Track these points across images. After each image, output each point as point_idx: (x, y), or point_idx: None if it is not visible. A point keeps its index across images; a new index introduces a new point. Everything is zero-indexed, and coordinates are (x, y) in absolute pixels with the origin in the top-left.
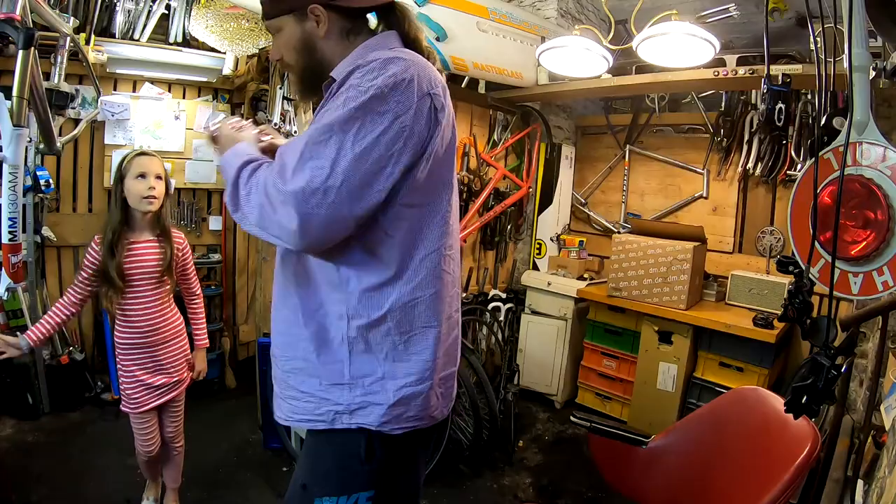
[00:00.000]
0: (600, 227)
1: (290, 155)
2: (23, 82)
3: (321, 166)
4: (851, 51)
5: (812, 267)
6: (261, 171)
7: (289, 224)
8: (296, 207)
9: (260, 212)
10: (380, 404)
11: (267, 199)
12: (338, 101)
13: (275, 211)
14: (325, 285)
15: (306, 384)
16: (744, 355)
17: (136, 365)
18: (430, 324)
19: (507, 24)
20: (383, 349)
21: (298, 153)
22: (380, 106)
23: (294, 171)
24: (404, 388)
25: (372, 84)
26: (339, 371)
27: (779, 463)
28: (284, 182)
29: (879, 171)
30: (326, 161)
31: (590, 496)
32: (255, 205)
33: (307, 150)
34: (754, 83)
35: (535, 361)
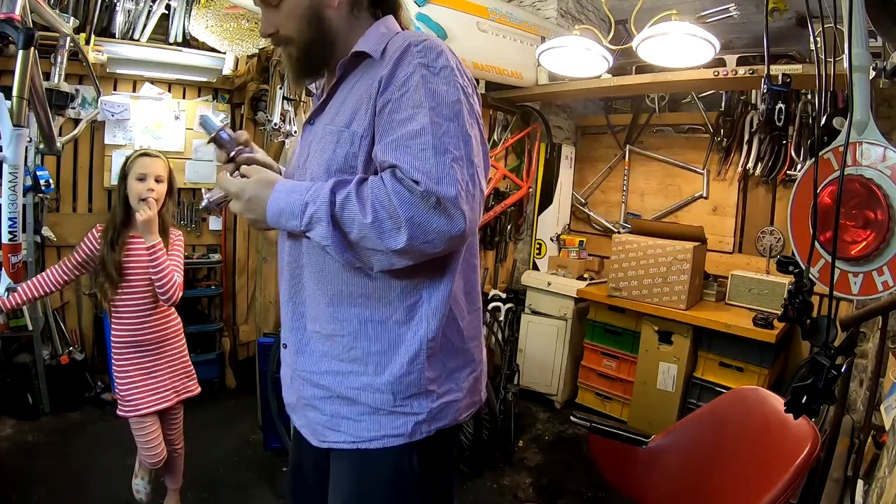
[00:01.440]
0: (600, 227)
1: (413, 153)
2: (23, 82)
3: (458, 158)
4: (851, 51)
5: (812, 267)
6: (367, 190)
7: (452, 227)
8: (458, 205)
9: (410, 231)
10: (455, 401)
11: (414, 211)
12: (411, 82)
13: (429, 220)
14: (399, 292)
15: (376, 399)
16: (744, 355)
17: (132, 365)
18: (476, 306)
19: (507, 24)
20: (451, 341)
21: (424, 148)
22: (468, 89)
23: (434, 168)
24: (471, 374)
25: (447, 64)
26: (416, 380)
27: (779, 463)
28: (432, 183)
29: (879, 171)
30: (459, 150)
31: (590, 496)
32: (399, 226)
33: (434, 142)
34: (754, 83)
35: (535, 361)
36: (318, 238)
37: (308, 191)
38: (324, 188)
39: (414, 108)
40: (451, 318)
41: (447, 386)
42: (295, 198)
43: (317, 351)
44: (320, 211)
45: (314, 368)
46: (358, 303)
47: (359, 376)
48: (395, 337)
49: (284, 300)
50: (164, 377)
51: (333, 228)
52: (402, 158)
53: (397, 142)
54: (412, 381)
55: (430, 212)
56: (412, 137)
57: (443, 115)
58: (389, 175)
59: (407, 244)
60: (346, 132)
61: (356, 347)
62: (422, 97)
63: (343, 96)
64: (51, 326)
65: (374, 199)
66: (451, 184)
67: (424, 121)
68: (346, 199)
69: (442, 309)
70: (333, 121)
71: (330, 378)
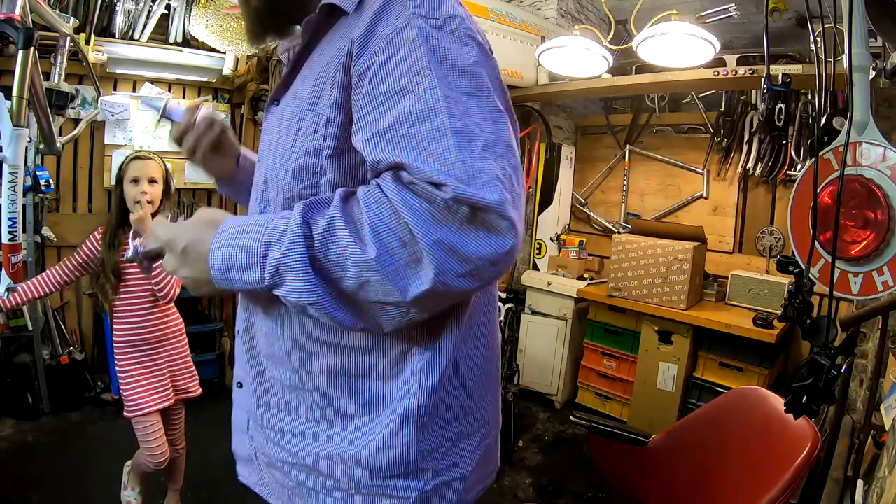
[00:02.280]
0: (600, 227)
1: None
2: (23, 82)
3: (492, 143)
4: (851, 51)
5: (812, 267)
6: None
7: (499, 246)
8: (503, 212)
9: (438, 262)
10: (458, 479)
11: (440, 231)
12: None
13: (464, 241)
14: (383, 336)
15: (348, 475)
16: (744, 355)
17: (135, 364)
18: (494, 350)
19: (507, 24)
20: (455, 401)
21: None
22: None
23: (460, 161)
24: (483, 442)
25: (454, 13)
26: (401, 456)
27: (779, 463)
28: (462, 184)
29: (879, 171)
30: (490, 133)
31: (590, 496)
32: (420, 257)
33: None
34: (754, 83)
35: (535, 361)
36: (292, 297)
37: (266, 226)
38: (289, 218)
39: (413, 76)
40: (456, 370)
41: (448, 460)
42: (248, 239)
43: (279, 404)
44: (291, 252)
45: (275, 426)
46: (326, 351)
47: (328, 443)
48: (376, 397)
49: (239, 328)
50: (165, 375)
51: (315, 277)
52: (408, 153)
53: (395, 128)
54: (396, 456)
55: (464, 228)
56: (419, 119)
57: (458, 84)
58: (392, 181)
59: (434, 284)
60: (310, 115)
61: (326, 406)
62: (423, 59)
63: (309, 67)
64: (51, 326)
65: (375, 220)
66: (490, 182)
67: (433, 94)
68: (328, 228)
69: (443, 361)
70: (297, 97)
71: (294, 441)
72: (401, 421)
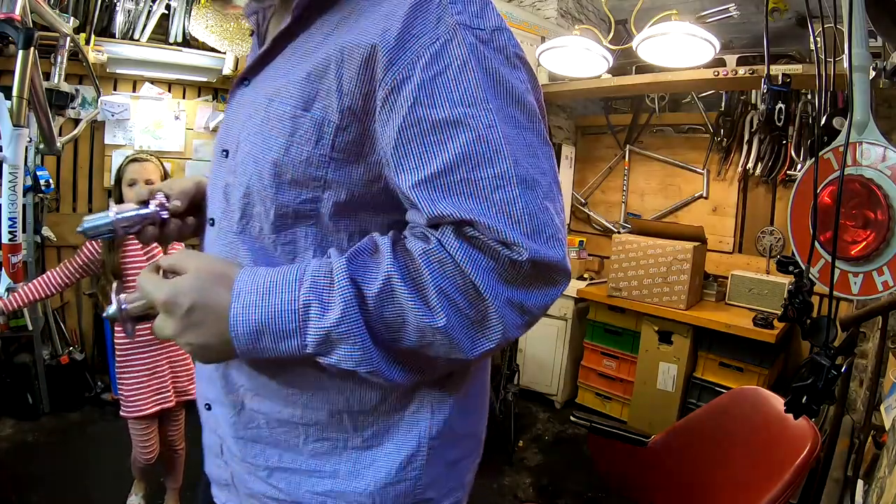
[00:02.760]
0: (600, 227)
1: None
2: (23, 82)
3: (549, 189)
4: (851, 51)
5: (812, 267)
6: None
7: (554, 296)
8: (565, 266)
9: (505, 321)
10: (458, 501)
11: (511, 292)
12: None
13: (529, 299)
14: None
15: None
16: (744, 355)
17: (136, 366)
18: (486, 367)
19: (507, 23)
20: (453, 428)
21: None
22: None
23: (527, 215)
24: (476, 461)
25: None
26: (408, 490)
27: (779, 463)
28: (531, 241)
29: (879, 171)
30: (546, 177)
31: (590, 496)
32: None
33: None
34: (754, 83)
35: (535, 361)
36: (344, 365)
37: (300, 281)
38: (329, 272)
39: (468, 107)
40: (466, 395)
41: (448, 486)
42: (281, 300)
43: (263, 437)
44: (346, 320)
45: (259, 461)
46: (328, 387)
47: (324, 479)
48: (381, 430)
49: None
50: (165, 377)
51: (373, 345)
52: (474, 206)
53: (453, 171)
54: (403, 490)
55: (530, 284)
56: (481, 163)
57: (514, 118)
58: (455, 237)
59: (499, 341)
60: (308, 119)
61: (323, 440)
62: (477, 84)
63: (303, 49)
64: (51, 326)
65: (442, 282)
66: (554, 237)
67: (494, 133)
68: (386, 290)
69: (459, 390)
70: (283, 90)
71: (282, 478)
72: (411, 454)
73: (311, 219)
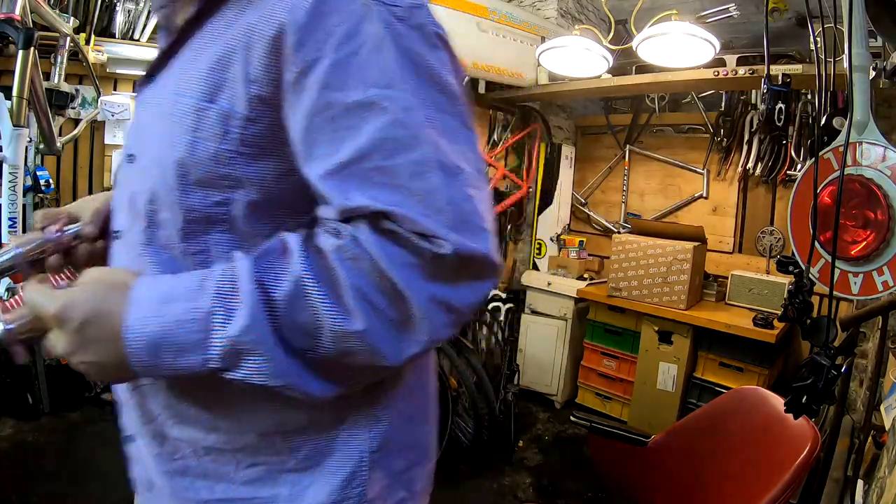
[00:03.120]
0: (600, 227)
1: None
2: (23, 82)
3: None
4: (851, 51)
5: (812, 267)
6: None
7: (483, 292)
8: (493, 258)
9: (431, 323)
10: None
11: (436, 289)
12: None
13: (457, 296)
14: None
15: None
16: (744, 355)
17: None
18: (430, 368)
19: (507, 24)
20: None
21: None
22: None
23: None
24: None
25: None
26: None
27: (779, 463)
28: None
29: (879, 171)
30: (471, 162)
31: (590, 496)
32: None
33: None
34: (754, 83)
35: (535, 361)
36: (253, 380)
37: (202, 288)
38: (234, 276)
39: (383, 88)
40: (408, 402)
41: (396, 496)
42: (180, 308)
43: (191, 469)
44: (252, 329)
45: (190, 495)
46: (254, 407)
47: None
48: (320, 449)
49: None
50: None
51: (285, 356)
52: (390, 196)
53: (367, 158)
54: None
55: (456, 280)
56: (398, 149)
57: (434, 100)
58: (370, 231)
59: (425, 344)
60: (213, 112)
61: (257, 466)
62: (393, 65)
63: (210, 35)
64: None
65: (358, 281)
66: (480, 227)
67: (412, 116)
68: (297, 293)
69: (398, 398)
70: (188, 83)
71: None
72: (352, 471)
73: (223, 223)
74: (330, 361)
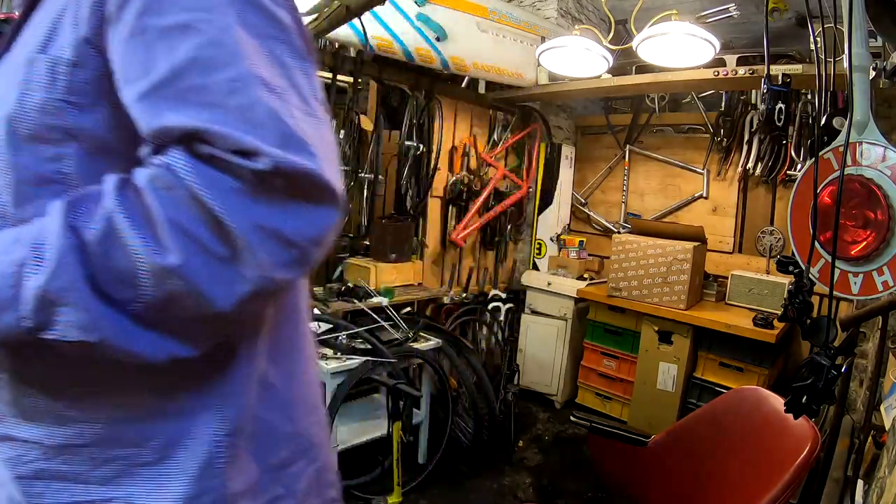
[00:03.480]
0: (600, 227)
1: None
2: None
3: (304, 97)
4: (851, 51)
5: (812, 267)
6: (148, 200)
7: (326, 219)
8: (322, 176)
9: (260, 253)
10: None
11: (259, 213)
12: None
13: (286, 222)
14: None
15: None
16: (744, 355)
17: None
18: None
19: (507, 24)
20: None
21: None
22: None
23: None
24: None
25: None
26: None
27: (779, 463)
28: (277, 148)
29: (879, 171)
30: (292, 78)
31: (590, 496)
32: (238, 252)
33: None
34: (754, 83)
35: (535, 361)
36: (70, 337)
37: (16, 240)
38: (46, 224)
39: (200, 11)
40: (265, 387)
41: (271, 493)
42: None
43: (43, 472)
44: (60, 274)
45: (46, 500)
46: (97, 392)
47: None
48: (172, 437)
49: None
50: None
51: (99, 303)
52: (203, 112)
53: (180, 78)
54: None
55: (284, 204)
56: (213, 66)
57: (256, 25)
58: (185, 155)
59: (259, 282)
60: (42, 60)
61: (110, 461)
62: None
63: (46, 5)
64: None
65: (172, 212)
66: (307, 144)
67: (229, 35)
68: (108, 232)
69: (247, 379)
70: (26, 42)
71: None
72: (206, 462)
73: (57, 183)
74: (155, 312)
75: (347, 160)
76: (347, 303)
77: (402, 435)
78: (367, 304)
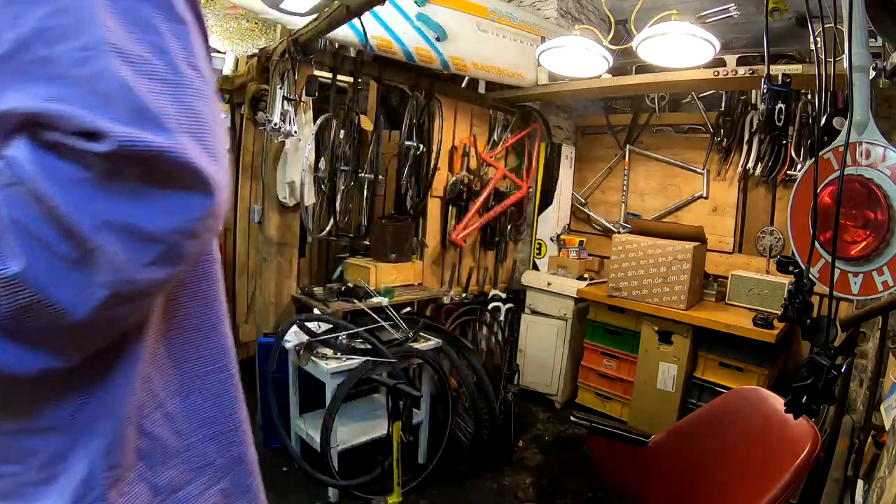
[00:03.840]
0: (600, 227)
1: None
2: None
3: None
4: (851, 51)
5: (812, 267)
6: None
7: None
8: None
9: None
10: None
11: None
12: None
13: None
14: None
15: None
16: (744, 355)
17: None
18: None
19: (507, 24)
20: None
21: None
22: None
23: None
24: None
25: None
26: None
27: (779, 463)
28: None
29: (879, 171)
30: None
31: (590, 496)
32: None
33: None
34: (754, 83)
35: (535, 361)
36: None
37: None
38: None
39: None
40: (151, 397)
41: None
42: None
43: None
44: None
45: None
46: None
47: None
48: (54, 454)
49: None
50: None
51: None
52: (50, 91)
53: (20, 51)
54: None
55: (141, 196)
56: (59, 36)
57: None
58: (26, 147)
59: (115, 286)
60: None
61: (1, 478)
62: None
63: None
64: None
65: (11, 212)
66: (161, 117)
67: (85, 2)
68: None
69: (128, 391)
70: None
71: None
72: (83, 482)
73: None
74: (13, 323)
75: (347, 160)
76: (347, 303)
77: (402, 435)
78: (367, 304)
